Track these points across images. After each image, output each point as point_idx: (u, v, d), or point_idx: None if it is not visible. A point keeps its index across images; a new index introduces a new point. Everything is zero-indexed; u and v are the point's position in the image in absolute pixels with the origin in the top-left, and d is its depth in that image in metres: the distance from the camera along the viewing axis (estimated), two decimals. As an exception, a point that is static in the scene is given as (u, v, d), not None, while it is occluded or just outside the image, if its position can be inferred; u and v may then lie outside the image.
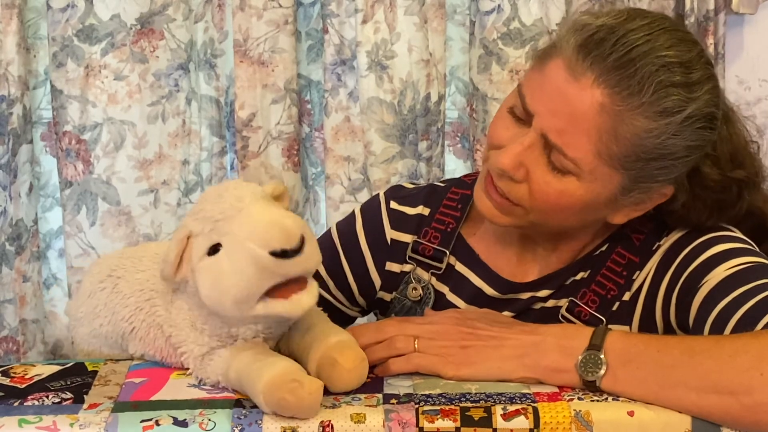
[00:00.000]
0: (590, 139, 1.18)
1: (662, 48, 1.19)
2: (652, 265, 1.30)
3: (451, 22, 2.13)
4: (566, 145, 1.19)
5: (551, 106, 1.20)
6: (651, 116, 1.18)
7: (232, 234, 1.08)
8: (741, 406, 1.05)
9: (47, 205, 2.16)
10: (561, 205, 1.23)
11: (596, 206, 1.25)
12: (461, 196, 1.42)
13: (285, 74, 2.06)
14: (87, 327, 1.26)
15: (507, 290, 1.36)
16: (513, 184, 1.24)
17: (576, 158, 1.19)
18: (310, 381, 1.07)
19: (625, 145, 1.19)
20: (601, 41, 1.18)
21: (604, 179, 1.21)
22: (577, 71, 1.18)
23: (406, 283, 1.40)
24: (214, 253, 1.09)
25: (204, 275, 1.10)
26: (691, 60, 1.20)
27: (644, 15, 1.22)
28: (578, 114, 1.18)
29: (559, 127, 1.19)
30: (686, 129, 1.19)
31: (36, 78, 2.09)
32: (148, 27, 2.03)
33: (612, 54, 1.17)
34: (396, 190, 1.47)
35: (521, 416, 1.07)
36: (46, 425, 1.06)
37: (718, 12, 2.09)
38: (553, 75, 1.20)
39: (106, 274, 1.26)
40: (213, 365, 1.14)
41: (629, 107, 1.17)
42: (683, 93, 1.18)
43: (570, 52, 1.19)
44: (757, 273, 1.20)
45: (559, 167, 1.21)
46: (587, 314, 1.30)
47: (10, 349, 2.08)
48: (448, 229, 1.40)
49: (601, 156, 1.19)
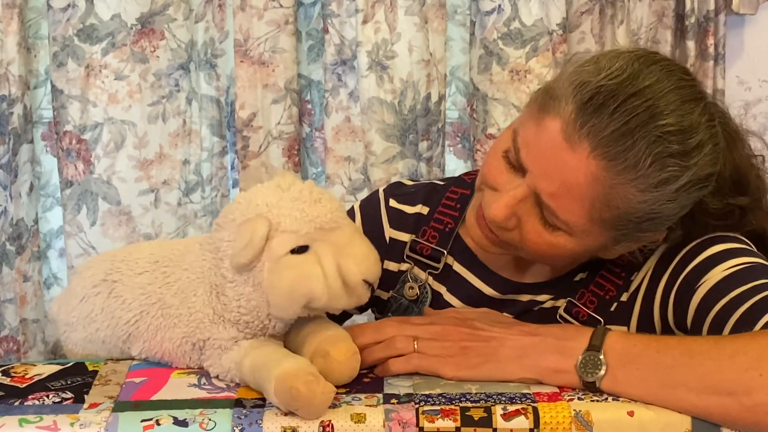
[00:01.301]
0: (583, 205, 1.17)
1: (662, 115, 1.15)
2: (650, 265, 1.30)
3: (452, 22, 2.13)
4: (558, 208, 1.18)
5: (545, 168, 1.18)
6: (646, 188, 1.16)
7: (331, 245, 1.13)
8: (740, 406, 1.05)
9: (48, 205, 2.16)
10: (552, 253, 1.23)
11: (587, 254, 1.26)
12: (460, 195, 1.41)
13: (285, 74, 2.06)
14: (81, 332, 1.25)
15: (506, 290, 1.36)
16: (504, 231, 1.24)
17: (568, 221, 1.19)
18: (325, 382, 1.08)
19: (618, 213, 1.18)
20: (600, 107, 1.15)
21: (596, 236, 1.21)
22: (574, 140, 1.15)
23: (402, 282, 1.40)
24: (298, 252, 1.12)
25: (287, 272, 1.12)
26: (692, 124, 1.16)
27: (649, 70, 1.18)
28: (572, 182, 1.16)
29: (551, 190, 1.18)
30: (681, 195, 1.18)
31: (37, 78, 2.09)
32: (149, 27, 2.03)
33: (610, 124, 1.14)
34: (395, 187, 1.47)
35: (521, 416, 1.07)
36: (47, 425, 1.06)
37: (719, 12, 2.10)
38: (548, 136, 1.17)
39: (100, 279, 1.24)
40: (230, 354, 1.15)
41: (624, 180, 1.15)
42: (680, 162, 1.15)
43: (568, 115, 1.16)
44: (755, 273, 1.20)
45: (551, 223, 1.20)
46: (585, 315, 1.30)
47: (10, 348, 2.09)
48: (447, 229, 1.39)
49: (593, 220, 1.18)
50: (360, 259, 1.14)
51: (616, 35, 2.08)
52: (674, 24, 2.10)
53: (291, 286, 1.12)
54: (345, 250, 1.13)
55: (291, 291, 1.12)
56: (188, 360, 1.19)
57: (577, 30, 2.08)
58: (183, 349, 1.18)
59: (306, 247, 1.12)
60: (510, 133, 1.24)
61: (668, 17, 2.10)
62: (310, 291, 1.12)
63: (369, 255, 1.16)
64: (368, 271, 1.14)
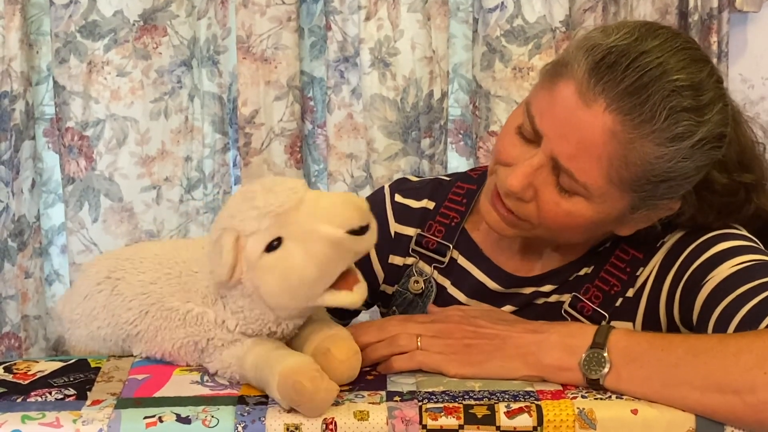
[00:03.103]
0: (600, 164, 1.18)
1: (674, 71, 1.17)
2: (656, 261, 1.30)
3: (454, 19, 2.13)
4: (576, 170, 1.18)
5: (561, 130, 1.19)
6: (662, 142, 1.17)
7: (298, 223, 1.08)
8: (745, 404, 1.05)
9: (49, 202, 2.16)
10: (569, 224, 1.23)
11: (604, 224, 1.25)
12: (466, 190, 1.42)
13: (288, 71, 2.06)
14: (84, 329, 1.25)
15: (510, 284, 1.36)
16: (521, 203, 1.24)
17: (586, 183, 1.19)
18: (329, 380, 1.08)
19: (636, 170, 1.18)
20: (613, 65, 1.16)
21: (614, 200, 1.21)
22: (589, 97, 1.16)
23: (408, 276, 1.40)
24: (274, 248, 1.09)
25: (269, 273, 1.10)
26: (702, 81, 1.18)
27: (655, 33, 1.20)
28: (589, 140, 1.17)
29: (569, 152, 1.18)
30: (696, 152, 1.19)
31: (39, 74, 2.09)
32: (151, 23, 2.03)
33: (624, 79, 1.16)
34: (401, 183, 1.48)
35: (525, 414, 1.07)
36: (49, 421, 1.06)
37: (722, 10, 2.09)
38: (563, 98, 1.18)
39: (104, 276, 1.24)
40: (232, 349, 1.14)
41: (640, 134, 1.16)
42: (694, 117, 1.17)
43: (581, 75, 1.17)
44: (761, 271, 1.19)
45: (567, 188, 1.20)
46: (590, 310, 1.30)
47: (12, 345, 2.08)
48: (452, 224, 1.40)
49: (611, 181, 1.19)
50: (330, 217, 1.08)
51: (619, 33, 2.08)
52: (677, 21, 2.10)
53: (279, 285, 1.10)
54: (314, 219, 1.09)
55: (282, 289, 1.10)
56: (189, 359, 1.19)
57: (580, 27, 2.07)
58: (185, 350, 1.18)
59: (280, 240, 1.10)
60: (522, 107, 1.25)
61: (671, 14, 2.10)
62: (301, 281, 1.09)
63: (335, 206, 1.09)
64: (344, 221, 1.08)
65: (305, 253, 1.08)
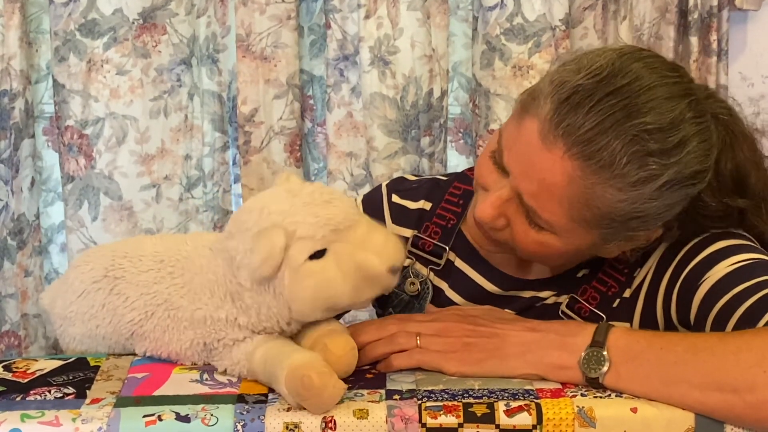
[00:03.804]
0: (562, 206, 1.17)
1: (640, 113, 1.13)
2: (652, 262, 1.30)
3: (454, 17, 2.13)
4: (539, 208, 1.18)
5: (524, 168, 1.18)
6: (623, 188, 1.15)
7: (349, 244, 1.12)
8: (744, 403, 1.05)
9: (49, 200, 2.16)
10: (543, 252, 1.23)
11: (580, 253, 1.25)
12: (463, 191, 1.41)
13: (287, 69, 2.05)
14: (80, 327, 1.25)
15: (508, 286, 1.36)
16: (496, 232, 1.25)
17: (549, 221, 1.18)
18: (338, 378, 1.08)
19: (598, 212, 1.17)
20: (576, 106, 1.13)
21: (581, 236, 1.21)
22: (549, 140, 1.15)
23: (404, 277, 1.40)
24: (316, 257, 1.11)
25: (309, 279, 1.12)
26: (674, 121, 1.14)
27: (628, 69, 1.16)
28: (549, 182, 1.16)
29: (531, 190, 1.18)
30: (665, 193, 1.16)
31: (38, 72, 2.09)
32: (151, 22, 2.03)
33: (585, 124, 1.13)
34: (398, 182, 1.47)
35: (524, 412, 1.07)
36: (49, 420, 1.06)
37: (722, 8, 2.09)
38: (527, 137, 1.17)
39: (102, 274, 1.23)
40: (242, 346, 1.15)
41: (600, 180, 1.14)
42: (659, 161, 1.14)
43: (544, 115, 1.15)
44: (758, 270, 1.19)
45: (536, 222, 1.20)
46: (587, 311, 1.30)
47: (11, 343, 2.08)
48: (449, 225, 1.39)
49: (573, 220, 1.18)
50: (380, 250, 1.14)
51: (619, 31, 2.07)
52: (677, 20, 2.10)
53: (313, 293, 1.12)
54: (363, 245, 1.13)
55: (314, 298, 1.13)
56: (196, 358, 1.19)
57: (580, 25, 2.07)
58: (193, 350, 1.18)
59: (324, 251, 1.12)
60: (497, 134, 1.24)
61: (671, 13, 2.10)
62: (332, 296, 1.13)
63: (387, 243, 1.15)
64: (390, 259, 1.14)
65: (346, 273, 1.12)
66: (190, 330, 1.17)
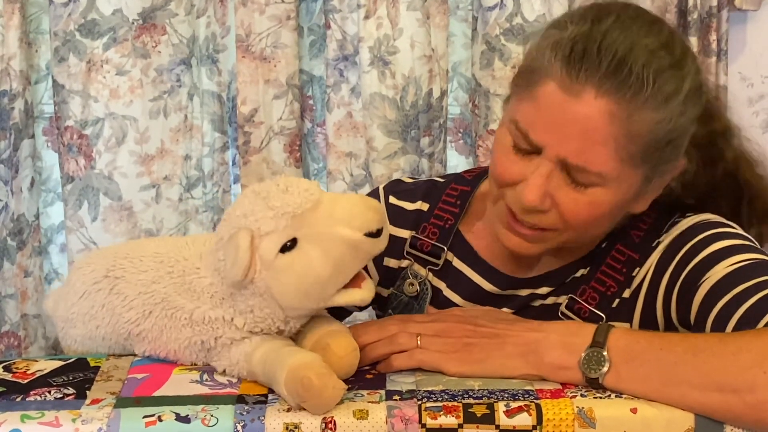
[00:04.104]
0: (608, 148, 1.18)
1: (641, 38, 1.19)
2: (652, 261, 1.30)
3: (454, 17, 2.13)
4: (588, 162, 1.19)
5: (561, 132, 1.19)
6: (658, 106, 1.18)
7: (316, 225, 1.10)
8: (744, 404, 1.05)
9: (49, 200, 2.16)
10: (594, 216, 1.23)
11: (625, 203, 1.26)
12: (460, 192, 1.41)
13: (287, 70, 2.05)
14: (81, 328, 1.25)
15: (506, 286, 1.36)
16: (542, 215, 1.24)
17: (600, 171, 1.20)
18: (337, 379, 1.08)
19: (642, 142, 1.19)
20: (585, 52, 1.18)
21: (629, 178, 1.22)
22: (575, 90, 1.17)
23: (403, 278, 1.40)
24: (288, 249, 1.10)
25: (285, 273, 1.10)
26: (667, 39, 1.21)
27: (607, 11, 1.22)
28: (590, 129, 1.18)
29: (575, 148, 1.19)
30: (689, 105, 1.21)
31: (38, 73, 2.09)
32: (150, 22, 2.03)
33: (602, 62, 1.17)
34: (395, 184, 1.47)
35: (524, 413, 1.07)
36: (49, 420, 1.06)
37: (721, 8, 2.09)
38: (549, 100, 1.19)
39: (102, 275, 1.23)
40: (241, 346, 1.14)
41: (636, 106, 1.17)
42: (676, 73, 1.20)
43: (558, 72, 1.18)
44: (757, 270, 1.19)
45: (582, 183, 1.21)
46: (587, 311, 1.30)
47: (11, 344, 2.08)
48: (447, 225, 1.40)
49: (623, 160, 1.19)
50: (348, 220, 1.10)
51: (619, 31, 2.07)
52: (676, 20, 2.10)
53: (296, 285, 1.11)
54: (331, 221, 1.10)
55: (298, 290, 1.11)
56: (195, 358, 1.19)
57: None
58: (191, 350, 1.18)
59: (295, 241, 1.11)
60: (506, 127, 1.25)
61: (671, 13, 2.10)
62: (316, 282, 1.11)
63: (354, 208, 1.12)
64: (362, 224, 1.11)
65: (322, 254, 1.10)
66: (188, 328, 1.17)
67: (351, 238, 1.10)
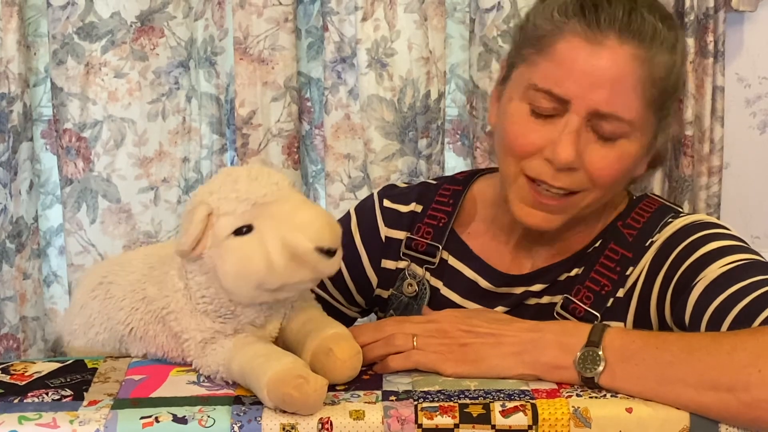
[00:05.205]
0: (636, 93, 1.23)
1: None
2: (645, 261, 1.30)
3: (451, 19, 2.14)
4: (620, 110, 1.23)
5: (589, 82, 1.22)
6: (670, 49, 1.25)
7: (273, 220, 1.09)
8: (739, 402, 1.05)
9: (47, 203, 2.17)
10: (621, 170, 1.27)
11: (641, 159, 1.30)
12: (452, 192, 1.42)
13: (285, 72, 2.06)
14: (82, 339, 1.25)
15: (501, 282, 1.36)
16: (573, 175, 1.25)
17: (631, 118, 1.23)
18: (315, 378, 1.07)
19: (660, 86, 1.25)
20: (596, 5, 1.22)
21: (647, 128, 1.27)
22: (598, 39, 1.22)
23: (401, 279, 1.40)
24: (242, 233, 1.10)
25: (230, 254, 1.10)
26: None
27: None
28: (620, 75, 1.22)
29: (605, 97, 1.22)
30: (685, 55, 1.29)
31: (36, 75, 2.09)
32: (148, 24, 2.03)
33: (616, 10, 1.22)
34: (389, 188, 1.48)
35: (520, 413, 1.07)
36: (46, 422, 1.06)
37: (718, 9, 2.09)
38: (572, 53, 1.22)
39: (97, 282, 1.25)
40: (214, 355, 1.14)
41: (655, 50, 1.23)
42: (674, 23, 1.27)
43: (577, 26, 1.22)
44: (751, 270, 1.20)
45: (609, 136, 1.24)
46: (582, 311, 1.30)
47: (10, 346, 2.09)
48: (440, 225, 1.40)
49: (648, 105, 1.24)
50: (305, 227, 1.09)
51: (616, 32, 2.08)
52: (674, 21, 2.11)
53: (235, 268, 1.10)
54: (290, 222, 1.09)
55: (237, 274, 1.11)
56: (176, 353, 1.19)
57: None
58: (169, 345, 1.18)
59: (251, 227, 1.11)
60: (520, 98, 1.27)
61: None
62: (254, 272, 1.10)
63: (315, 220, 1.10)
64: (318, 237, 1.08)
65: (269, 250, 1.09)
66: (160, 323, 1.18)
67: (301, 247, 1.08)
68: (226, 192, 1.12)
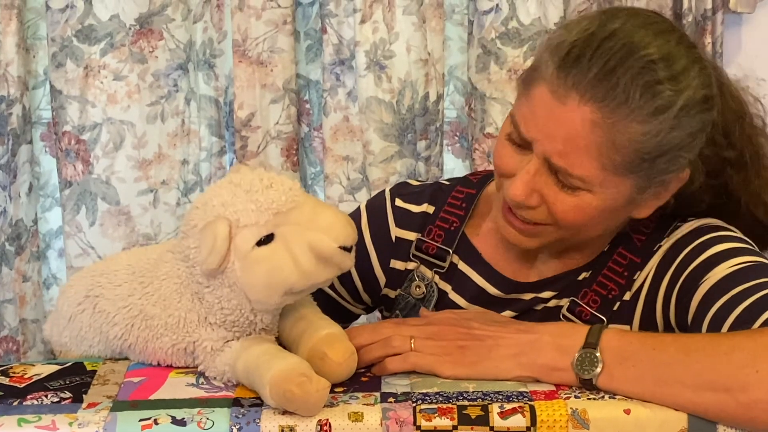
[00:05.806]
0: (591, 155, 1.18)
1: (640, 47, 1.18)
2: (652, 265, 1.30)
3: (450, 21, 2.14)
4: (570, 165, 1.19)
5: (546, 131, 1.20)
6: (644, 119, 1.17)
7: (296, 226, 1.11)
8: (736, 403, 1.06)
9: (47, 205, 2.17)
10: (582, 218, 1.23)
11: (617, 210, 1.25)
12: (466, 194, 1.42)
13: (284, 74, 2.06)
14: (75, 351, 1.25)
15: (510, 290, 1.36)
16: (531, 211, 1.25)
17: (582, 176, 1.20)
18: (318, 379, 1.08)
19: (627, 153, 1.19)
20: (578, 57, 1.18)
21: (616, 186, 1.21)
22: (561, 93, 1.18)
23: (410, 280, 1.40)
24: (264, 243, 1.11)
25: (258, 266, 1.11)
26: (671, 51, 1.19)
27: (615, 17, 1.21)
28: (573, 135, 1.18)
29: (558, 149, 1.19)
30: (683, 120, 1.19)
31: (35, 78, 2.09)
32: (147, 27, 2.04)
33: (591, 68, 1.17)
34: (401, 187, 1.47)
35: (518, 414, 1.07)
36: (45, 424, 1.06)
37: (716, 11, 2.10)
38: (540, 100, 1.20)
39: (83, 296, 1.23)
40: (222, 356, 1.15)
41: (620, 117, 1.17)
42: (671, 87, 1.18)
43: (550, 74, 1.19)
44: (756, 272, 1.19)
45: (568, 185, 1.21)
46: (588, 314, 1.30)
47: (10, 348, 2.09)
48: (452, 228, 1.40)
49: (606, 168, 1.19)
50: (328, 228, 1.12)
51: (614, 34, 2.08)
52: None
53: (265, 279, 1.11)
54: (311, 225, 1.11)
55: (267, 284, 1.12)
56: (183, 363, 1.19)
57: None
58: (177, 356, 1.18)
59: (271, 236, 1.11)
60: (509, 118, 1.26)
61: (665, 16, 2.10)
62: (285, 279, 1.11)
63: (336, 221, 1.13)
64: (340, 236, 1.12)
65: (297, 254, 1.10)
66: (166, 336, 1.17)
67: (328, 246, 1.11)
68: (243, 203, 1.12)
